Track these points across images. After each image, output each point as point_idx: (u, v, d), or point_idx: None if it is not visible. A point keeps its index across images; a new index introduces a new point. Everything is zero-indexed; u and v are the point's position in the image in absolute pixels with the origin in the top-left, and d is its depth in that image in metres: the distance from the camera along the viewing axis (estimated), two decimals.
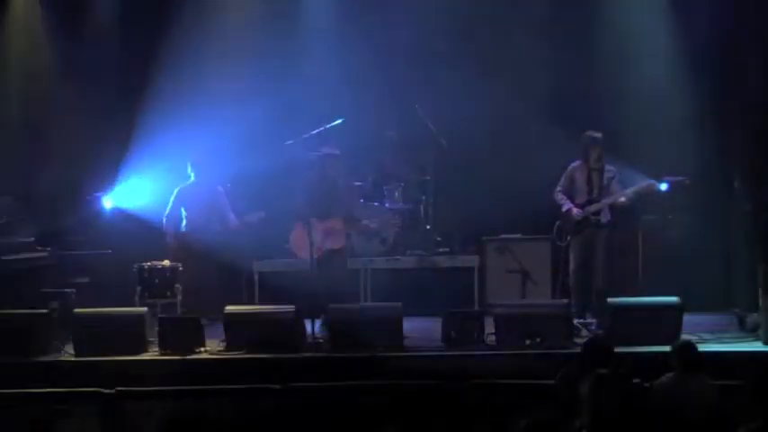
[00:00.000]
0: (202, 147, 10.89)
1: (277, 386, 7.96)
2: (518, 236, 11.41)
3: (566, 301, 9.76)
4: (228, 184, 11.17)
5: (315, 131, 11.10)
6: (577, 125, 10.46)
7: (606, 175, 10.04)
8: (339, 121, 11.32)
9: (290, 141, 11.18)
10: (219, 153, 11.13)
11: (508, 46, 11.65)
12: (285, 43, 11.88)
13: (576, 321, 9.64)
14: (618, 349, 7.40)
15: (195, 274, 10.29)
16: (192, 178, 10.69)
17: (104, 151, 11.66)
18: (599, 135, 10.05)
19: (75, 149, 11.76)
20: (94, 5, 12.05)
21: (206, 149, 10.88)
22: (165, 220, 10.62)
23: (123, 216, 11.42)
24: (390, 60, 11.78)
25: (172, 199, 10.64)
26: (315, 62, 11.84)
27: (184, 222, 10.66)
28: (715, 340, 9.15)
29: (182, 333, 9.24)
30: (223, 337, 9.32)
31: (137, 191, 11.33)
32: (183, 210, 10.64)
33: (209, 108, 11.38)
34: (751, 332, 9.29)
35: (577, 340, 9.04)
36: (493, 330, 9.26)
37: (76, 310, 9.58)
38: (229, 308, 9.43)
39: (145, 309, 9.64)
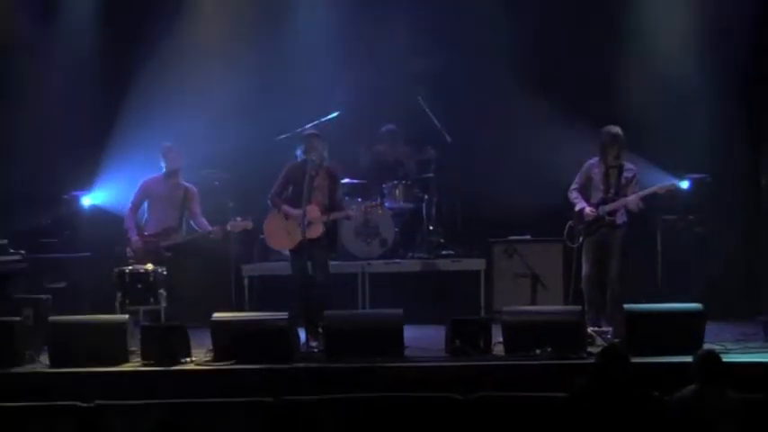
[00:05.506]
0: (178, 134, 10.80)
1: (269, 399, 7.68)
2: (528, 237, 11.35)
3: (579, 307, 9.56)
4: (217, 182, 11.15)
5: (309, 125, 10.90)
6: (595, 120, 10.32)
7: (625, 174, 9.92)
8: (334, 115, 11.32)
9: (284, 135, 11.08)
10: (209, 151, 11.12)
11: (520, 38, 11.61)
12: (280, 34, 11.82)
13: (589, 329, 9.48)
14: (635, 360, 7.15)
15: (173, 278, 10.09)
16: (164, 169, 10.42)
17: (83, 147, 11.55)
18: (618, 131, 9.88)
19: (52, 145, 11.69)
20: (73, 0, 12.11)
21: (192, 146, 10.80)
22: (127, 213, 10.34)
23: (103, 216, 11.31)
24: (391, 50, 11.64)
25: (136, 191, 10.37)
26: (311, 53, 11.77)
27: (146, 217, 10.37)
28: (740, 350, 9.00)
29: (166, 342, 9.04)
30: (210, 346, 9.18)
31: (117, 189, 11.18)
32: (146, 204, 10.42)
33: (196, 103, 11.31)
34: None
35: (591, 350, 8.88)
36: (500, 339, 9.13)
37: (52, 317, 9.44)
38: (217, 315, 9.30)
39: (126, 316, 9.50)
